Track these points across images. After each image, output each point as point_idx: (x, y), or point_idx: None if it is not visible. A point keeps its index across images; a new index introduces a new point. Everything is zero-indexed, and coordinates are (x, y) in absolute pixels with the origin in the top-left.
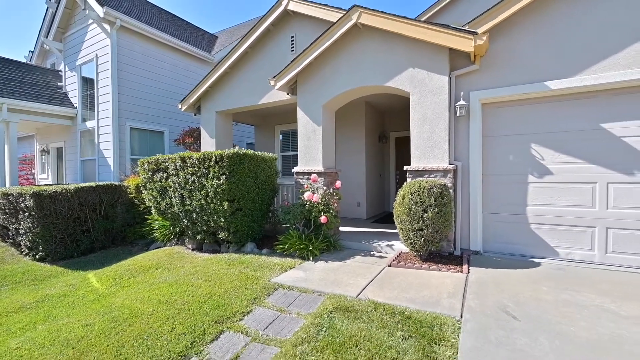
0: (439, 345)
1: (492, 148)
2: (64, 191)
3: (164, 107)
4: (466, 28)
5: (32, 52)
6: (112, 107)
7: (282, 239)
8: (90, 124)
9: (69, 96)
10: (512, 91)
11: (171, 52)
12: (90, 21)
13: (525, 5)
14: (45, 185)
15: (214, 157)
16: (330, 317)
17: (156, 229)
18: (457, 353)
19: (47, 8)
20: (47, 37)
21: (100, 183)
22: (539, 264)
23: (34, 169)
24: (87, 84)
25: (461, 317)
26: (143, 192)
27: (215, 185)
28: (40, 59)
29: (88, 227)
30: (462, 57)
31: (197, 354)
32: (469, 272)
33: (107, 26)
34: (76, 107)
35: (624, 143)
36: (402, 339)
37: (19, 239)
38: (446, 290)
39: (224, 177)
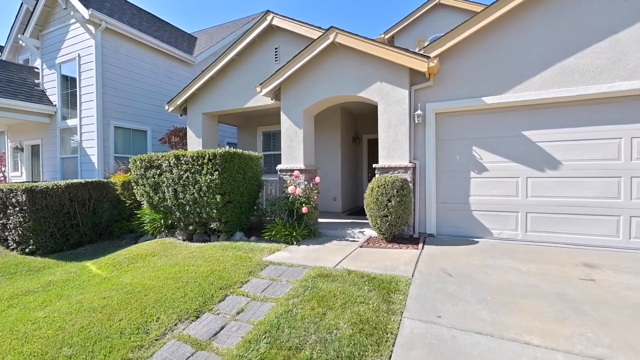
0: (394, 293)
1: (443, 149)
2: (55, 187)
3: (146, 106)
4: (422, 52)
5: (3, 47)
6: (96, 107)
7: (269, 227)
8: (71, 122)
9: (47, 94)
10: (457, 104)
11: (153, 54)
12: (72, 21)
13: (465, 38)
14: (21, 182)
15: (207, 155)
16: (314, 280)
17: (147, 223)
18: (406, 297)
19: (22, 3)
20: (23, 34)
21: (89, 180)
22: (477, 242)
23: (4, 167)
24: (68, 82)
25: (412, 276)
26: (135, 187)
27: (208, 180)
28: (12, 54)
29: (77, 222)
30: (420, 75)
31: (209, 310)
32: (423, 249)
33: (91, 27)
34: (55, 105)
35: (538, 147)
36: (368, 291)
37: (6, 234)
38: (404, 261)
39: (216, 173)
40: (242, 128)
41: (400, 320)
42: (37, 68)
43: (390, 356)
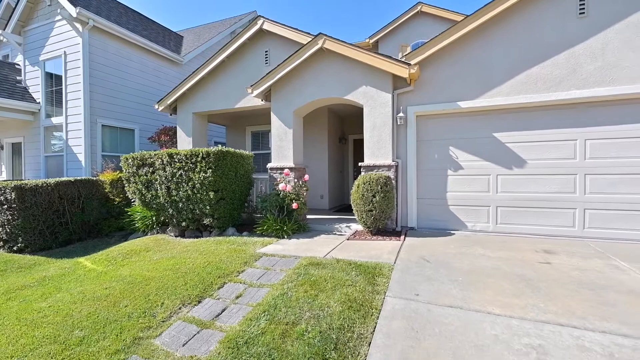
0: (379, 277)
1: (423, 149)
2: (44, 185)
3: (134, 105)
4: (404, 59)
5: None
6: (83, 105)
7: (261, 222)
8: (56, 120)
9: (30, 91)
10: (436, 107)
11: (141, 52)
12: (58, 18)
13: (442, 47)
14: (3, 181)
15: (201, 153)
16: (306, 268)
17: (138, 220)
18: (389, 280)
19: None
20: (4, 29)
21: (79, 178)
22: (453, 234)
23: None
24: (53, 79)
25: (394, 263)
26: (126, 185)
27: (202, 178)
28: None
29: (66, 220)
30: (402, 80)
31: (210, 296)
32: (404, 240)
33: (78, 25)
34: (39, 103)
35: (506, 147)
36: (355, 276)
37: None
38: (387, 250)
39: (210, 170)
40: (231, 127)
41: (384, 298)
42: (19, 64)
43: (375, 326)
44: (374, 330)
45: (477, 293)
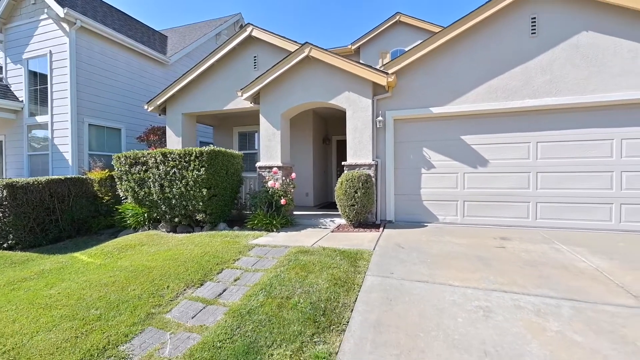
0: (360, 260)
1: (400, 150)
2: (35, 182)
3: (120, 105)
4: (383, 68)
5: None
6: (70, 104)
7: (251, 217)
8: (41, 118)
9: (13, 89)
10: (411, 112)
11: (127, 52)
12: (43, 17)
13: (416, 59)
14: None
15: (194, 152)
16: (295, 255)
17: (129, 217)
18: (369, 263)
19: None
20: None
21: (69, 176)
22: (426, 226)
23: None
24: (37, 78)
25: (374, 249)
26: (118, 183)
27: (195, 176)
28: None
29: (57, 217)
30: (381, 87)
31: (210, 280)
32: (383, 231)
33: (65, 25)
34: (22, 101)
35: (472, 148)
36: (340, 260)
37: None
38: (367, 240)
39: (203, 169)
40: (218, 128)
41: (364, 277)
42: None
43: (357, 298)
44: (355, 300)
45: (442, 271)
